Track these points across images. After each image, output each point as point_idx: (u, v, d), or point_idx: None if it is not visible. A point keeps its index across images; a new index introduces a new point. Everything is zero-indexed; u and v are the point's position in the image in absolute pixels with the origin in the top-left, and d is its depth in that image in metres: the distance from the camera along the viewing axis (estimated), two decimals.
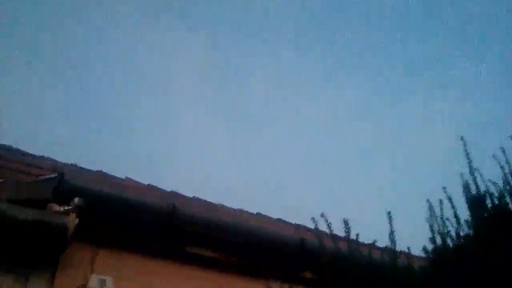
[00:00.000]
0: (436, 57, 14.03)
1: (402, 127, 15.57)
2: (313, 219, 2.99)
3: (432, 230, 2.82)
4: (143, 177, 6.13)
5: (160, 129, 16.38)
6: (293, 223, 6.59)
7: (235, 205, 6.48)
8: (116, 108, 15.82)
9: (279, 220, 6.61)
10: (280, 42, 14.10)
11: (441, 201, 2.84)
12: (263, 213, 6.60)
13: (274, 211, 6.71)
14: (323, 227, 3.15)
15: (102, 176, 5.62)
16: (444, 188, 3.10)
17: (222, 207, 6.20)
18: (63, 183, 3.96)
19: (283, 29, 14.35)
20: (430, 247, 2.89)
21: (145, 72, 14.76)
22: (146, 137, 16.26)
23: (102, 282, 3.86)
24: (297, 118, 15.50)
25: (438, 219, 2.87)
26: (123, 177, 5.91)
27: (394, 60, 14.00)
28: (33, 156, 5.56)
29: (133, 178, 6.05)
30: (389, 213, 2.81)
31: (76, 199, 3.83)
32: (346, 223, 2.87)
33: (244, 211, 6.41)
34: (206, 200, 6.20)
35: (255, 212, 6.53)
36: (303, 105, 15.66)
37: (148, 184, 6.02)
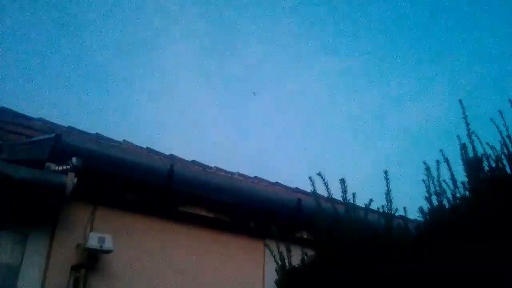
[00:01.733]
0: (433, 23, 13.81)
1: (400, 92, 15.50)
2: (310, 178, 2.99)
3: (428, 191, 2.83)
4: (142, 142, 6.16)
5: (157, 95, 16.29)
6: (291, 186, 6.65)
7: (233, 169, 6.53)
8: (112, 72, 15.67)
9: (276, 183, 6.66)
10: (279, 9, 13.90)
11: (438, 162, 2.84)
12: (260, 177, 6.66)
13: (272, 176, 6.78)
14: (321, 190, 3.16)
15: (99, 138, 5.62)
16: (441, 150, 3.09)
17: (220, 170, 6.24)
18: (60, 143, 3.96)
19: None
20: (426, 208, 2.91)
21: (142, 37, 14.57)
22: (143, 103, 16.17)
23: (101, 240, 3.90)
24: (294, 85, 15.42)
25: (435, 180, 2.87)
26: (121, 140, 5.92)
27: (389, 28, 13.80)
28: (29, 118, 5.54)
29: (131, 141, 6.07)
30: (385, 172, 2.82)
31: (74, 159, 3.85)
32: (342, 182, 2.88)
33: (242, 174, 6.45)
34: (203, 164, 6.23)
35: (252, 176, 6.58)
36: (301, 72, 15.54)
37: (147, 147, 6.05)
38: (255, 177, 6.60)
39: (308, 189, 3.20)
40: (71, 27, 13.69)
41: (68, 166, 3.84)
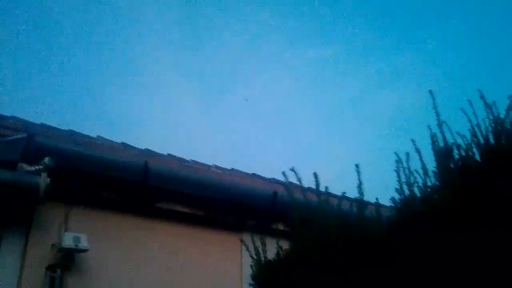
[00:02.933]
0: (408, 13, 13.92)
1: (372, 83, 15.62)
2: (283, 173, 3.02)
3: (399, 181, 2.87)
4: (116, 137, 6.11)
5: (132, 89, 16.13)
6: (268, 178, 6.67)
7: (210, 162, 6.53)
8: (87, 68, 15.46)
9: (253, 175, 6.68)
10: (253, 1, 13.85)
11: (407, 154, 2.88)
12: (237, 169, 6.66)
13: (249, 168, 6.79)
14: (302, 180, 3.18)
15: (73, 135, 5.57)
16: (412, 140, 3.13)
17: (196, 163, 6.23)
18: (32, 143, 3.92)
19: None
20: (398, 198, 2.95)
21: (115, 30, 14.42)
22: (118, 97, 16.02)
23: (76, 240, 3.88)
24: (268, 78, 15.41)
25: (406, 170, 2.91)
26: (95, 136, 5.87)
27: (363, 17, 13.86)
28: (1, 117, 5.46)
29: (105, 137, 6.03)
30: (357, 165, 2.86)
31: (47, 159, 3.81)
32: (315, 176, 2.91)
33: (218, 166, 6.45)
34: (180, 157, 6.22)
35: (229, 168, 6.59)
36: (273, 65, 15.56)
37: (122, 142, 6.00)
38: (232, 169, 6.61)
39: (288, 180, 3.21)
40: (40, 21, 13.45)
41: (41, 166, 3.81)
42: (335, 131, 16.27)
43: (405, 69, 14.87)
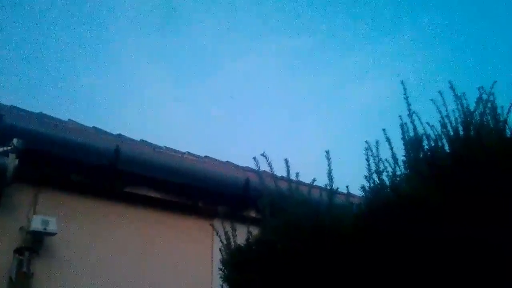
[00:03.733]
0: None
1: (347, 74, 15.70)
2: (254, 158, 3.02)
3: (369, 169, 2.89)
4: (90, 122, 6.01)
5: (105, 74, 15.89)
6: (242, 166, 6.66)
7: (184, 149, 6.49)
8: (59, 49, 15.18)
9: (227, 162, 6.66)
10: None
11: (377, 142, 2.90)
12: (211, 156, 6.64)
13: (224, 156, 6.76)
14: (276, 169, 3.18)
15: (44, 118, 5.47)
16: (383, 130, 3.15)
17: (169, 150, 6.18)
18: (1, 123, 3.85)
19: None
20: (367, 186, 2.98)
21: (89, 14, 14.16)
22: (92, 81, 15.78)
23: (45, 223, 3.84)
24: (244, 66, 15.36)
25: (376, 158, 2.93)
26: (66, 119, 5.77)
27: (339, 7, 13.89)
28: None
29: (77, 121, 5.93)
30: (327, 152, 2.86)
31: (15, 140, 3.75)
32: (286, 162, 2.92)
33: (192, 154, 6.41)
34: (153, 143, 6.16)
35: (203, 155, 6.56)
36: (250, 53, 15.49)
37: (93, 127, 5.92)
38: (206, 156, 6.57)
39: (260, 168, 3.20)
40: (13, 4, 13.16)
41: (9, 148, 3.75)
42: (310, 120, 16.32)
43: (379, 60, 14.96)
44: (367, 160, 2.93)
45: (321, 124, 16.22)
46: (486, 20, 12.65)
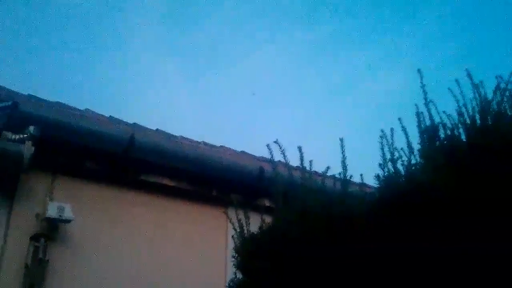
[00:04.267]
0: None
1: (371, 61, 15.54)
2: (268, 146, 3.00)
3: (383, 158, 2.86)
4: (106, 111, 6.04)
5: (122, 66, 15.99)
6: (257, 156, 6.65)
7: (200, 139, 6.49)
8: (75, 42, 15.27)
9: (242, 152, 6.65)
10: None
11: (392, 130, 2.86)
12: (226, 146, 6.64)
13: (240, 146, 6.76)
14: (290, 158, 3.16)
15: (60, 107, 5.50)
16: (399, 119, 3.11)
17: (185, 139, 6.19)
18: (17, 111, 3.88)
19: None
20: (381, 174, 2.94)
21: (104, 4, 14.21)
22: (110, 73, 15.87)
23: (61, 209, 3.87)
24: (256, 57, 15.31)
25: (391, 147, 2.90)
26: (83, 108, 5.81)
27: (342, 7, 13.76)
28: None
29: (94, 110, 5.96)
30: (341, 140, 2.84)
31: (32, 128, 3.78)
32: (300, 150, 2.89)
33: (207, 143, 6.42)
34: (168, 133, 6.17)
35: (218, 145, 6.56)
36: (263, 44, 15.44)
37: (109, 116, 5.95)
38: (221, 146, 6.57)
39: (274, 156, 3.18)
40: None
41: (25, 135, 3.78)
42: (326, 112, 16.25)
43: (398, 51, 14.82)
44: (382, 148, 2.90)
45: (337, 115, 16.14)
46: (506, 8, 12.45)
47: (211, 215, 4.65)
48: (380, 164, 2.81)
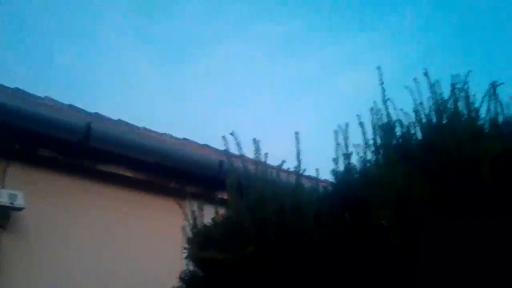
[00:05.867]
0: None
1: (330, 63, 15.69)
2: (223, 138, 2.98)
3: (337, 153, 2.87)
4: (69, 100, 5.92)
5: (87, 53, 15.69)
6: (221, 149, 6.61)
7: (164, 131, 6.43)
8: (41, 28, 14.95)
9: (205, 145, 6.62)
10: None
11: (346, 124, 2.88)
12: (190, 139, 6.59)
13: (204, 139, 6.72)
14: (249, 153, 3.14)
15: (19, 93, 5.37)
16: (358, 115, 3.13)
17: (148, 131, 6.12)
18: None
19: None
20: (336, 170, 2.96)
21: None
22: (73, 59, 15.54)
23: (12, 197, 3.77)
24: (227, 51, 15.26)
25: (345, 142, 2.91)
26: (43, 96, 5.68)
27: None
28: None
29: (54, 98, 5.83)
30: (296, 133, 2.84)
31: None
32: (255, 142, 2.88)
33: (171, 135, 6.36)
34: (130, 123, 6.09)
35: (181, 138, 6.51)
36: (233, 39, 15.41)
37: (70, 104, 5.83)
38: (184, 138, 6.52)
39: (238, 151, 3.14)
40: None
41: None
42: (293, 105, 16.31)
43: (363, 50, 14.95)
44: (337, 143, 2.91)
45: (303, 110, 16.21)
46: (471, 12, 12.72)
47: (169, 206, 4.58)
48: (334, 159, 2.82)
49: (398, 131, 3.11)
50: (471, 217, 2.39)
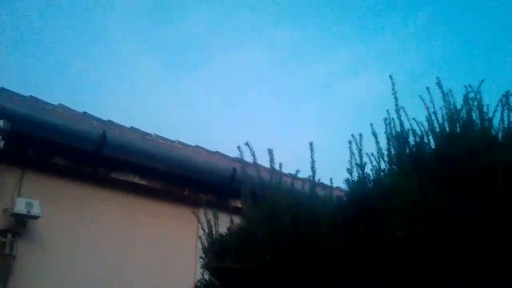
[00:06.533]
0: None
1: (336, 72, 15.71)
2: (238, 148, 3.00)
3: (351, 163, 2.89)
4: (80, 106, 5.97)
5: (99, 61, 15.82)
6: (232, 156, 6.65)
7: (176, 139, 6.47)
8: (54, 36, 15.10)
9: (217, 153, 6.65)
10: None
11: (360, 135, 2.89)
12: (201, 146, 6.63)
13: (215, 146, 6.76)
14: (261, 160, 3.16)
15: (33, 101, 5.44)
16: (371, 124, 3.14)
17: (159, 138, 6.16)
18: None
19: None
20: (350, 179, 2.97)
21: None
22: (85, 67, 15.67)
23: (29, 205, 3.82)
24: (235, 56, 15.32)
25: (359, 152, 2.93)
26: (56, 104, 5.74)
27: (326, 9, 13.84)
28: None
29: (68, 106, 5.89)
30: (311, 144, 2.86)
31: (2, 121, 3.73)
32: (270, 152, 2.91)
33: (182, 142, 6.40)
34: (142, 131, 6.14)
35: (193, 145, 6.55)
36: (242, 44, 15.47)
37: (84, 112, 5.89)
38: (196, 146, 6.56)
39: (250, 159, 3.17)
40: None
41: None
42: (306, 113, 16.33)
43: (375, 56, 14.96)
44: (351, 153, 2.93)
45: (314, 119, 16.23)
46: (482, 19, 12.68)
47: (182, 214, 4.63)
48: (348, 169, 2.84)
49: (411, 140, 3.11)
50: (484, 227, 2.40)
